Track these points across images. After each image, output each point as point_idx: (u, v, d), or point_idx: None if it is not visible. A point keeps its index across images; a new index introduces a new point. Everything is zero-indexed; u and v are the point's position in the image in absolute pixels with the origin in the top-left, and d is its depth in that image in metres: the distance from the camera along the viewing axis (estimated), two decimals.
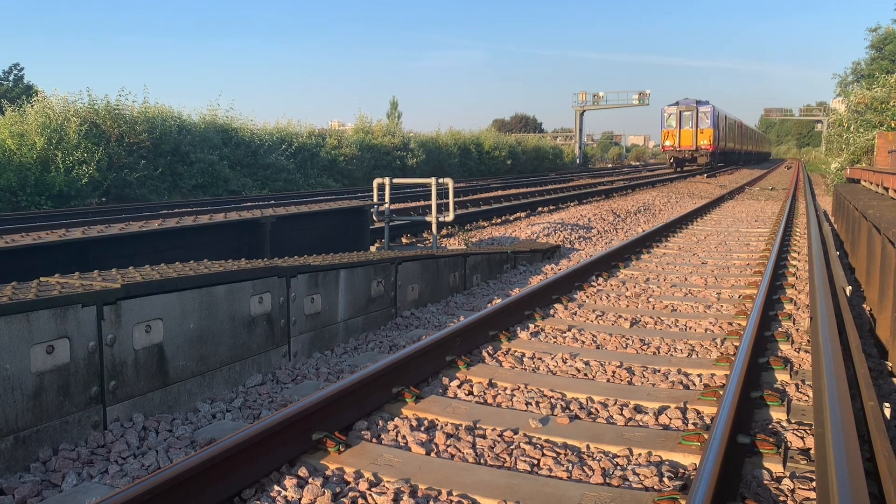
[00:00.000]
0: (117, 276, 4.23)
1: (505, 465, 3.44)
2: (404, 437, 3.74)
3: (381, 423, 3.92)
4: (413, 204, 17.40)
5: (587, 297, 7.44)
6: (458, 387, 4.54)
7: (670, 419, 3.96)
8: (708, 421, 3.94)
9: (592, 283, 8.09)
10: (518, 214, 16.17)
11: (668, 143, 44.33)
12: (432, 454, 3.55)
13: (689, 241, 12.26)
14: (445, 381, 4.63)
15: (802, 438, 3.68)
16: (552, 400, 4.29)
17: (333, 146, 29.97)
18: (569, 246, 11.81)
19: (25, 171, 17.64)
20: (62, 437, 3.59)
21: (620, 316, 6.51)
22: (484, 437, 3.75)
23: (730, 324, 6.18)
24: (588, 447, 3.64)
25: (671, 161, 45.03)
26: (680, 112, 43.76)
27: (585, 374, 4.83)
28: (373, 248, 10.34)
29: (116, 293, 3.87)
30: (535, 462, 3.45)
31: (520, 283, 8.45)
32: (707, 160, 43.31)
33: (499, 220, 15.01)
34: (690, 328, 6.15)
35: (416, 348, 4.62)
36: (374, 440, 3.71)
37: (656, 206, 19.44)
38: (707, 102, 43.43)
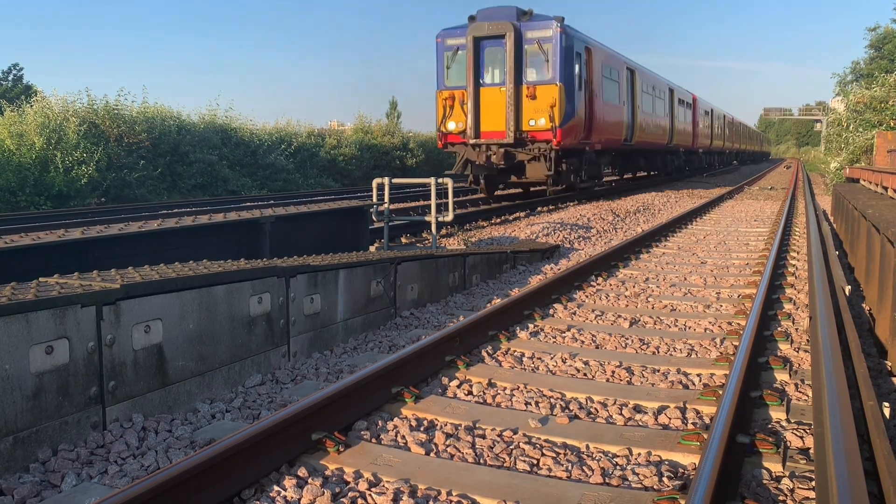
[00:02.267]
0: (116, 276, 4.23)
1: (504, 465, 3.44)
2: (404, 437, 3.73)
3: (380, 423, 3.92)
4: (412, 204, 17.40)
5: (586, 296, 7.44)
6: (458, 387, 4.53)
7: (670, 419, 3.96)
8: (707, 420, 3.94)
9: (592, 283, 8.09)
10: (517, 214, 16.17)
11: (451, 125, 17.41)
12: (432, 454, 3.55)
13: (689, 240, 12.27)
14: (445, 381, 4.62)
15: (802, 438, 3.68)
16: (551, 400, 4.29)
17: (333, 146, 30.02)
18: (568, 246, 11.81)
19: (24, 172, 17.65)
20: (61, 437, 3.59)
21: (620, 316, 6.50)
22: (483, 436, 3.75)
23: (729, 323, 6.18)
24: (587, 447, 3.64)
25: (466, 171, 17.66)
26: (475, 41, 16.86)
27: (585, 374, 4.83)
28: (372, 248, 10.34)
29: (116, 293, 3.87)
30: (535, 462, 3.45)
31: (519, 282, 8.45)
32: (548, 171, 16.92)
33: (498, 220, 15.00)
34: (690, 328, 6.15)
35: (415, 348, 4.62)
36: (373, 440, 3.71)
37: (656, 205, 19.44)
38: (548, 18, 16.81)
